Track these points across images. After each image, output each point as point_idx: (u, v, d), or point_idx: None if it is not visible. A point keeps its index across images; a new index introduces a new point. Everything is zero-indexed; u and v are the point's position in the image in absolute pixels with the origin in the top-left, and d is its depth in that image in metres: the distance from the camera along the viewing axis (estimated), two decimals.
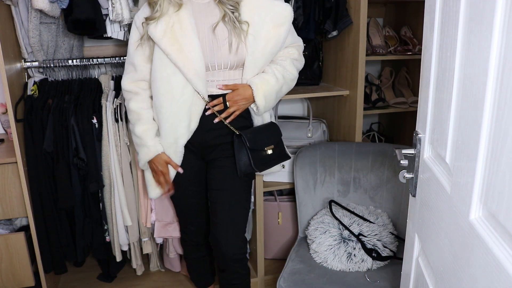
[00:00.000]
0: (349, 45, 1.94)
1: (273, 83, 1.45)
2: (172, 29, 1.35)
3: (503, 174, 0.55)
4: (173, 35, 1.35)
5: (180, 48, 1.35)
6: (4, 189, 1.70)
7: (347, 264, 1.60)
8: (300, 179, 1.86)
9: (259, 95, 1.43)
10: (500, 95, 0.56)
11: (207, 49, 1.38)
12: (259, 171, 1.52)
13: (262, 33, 1.40)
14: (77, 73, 1.91)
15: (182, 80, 1.37)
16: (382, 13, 2.44)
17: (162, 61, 1.37)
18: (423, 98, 0.92)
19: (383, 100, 2.21)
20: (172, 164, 1.49)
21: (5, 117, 1.92)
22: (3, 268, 1.75)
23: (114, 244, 1.89)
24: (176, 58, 1.35)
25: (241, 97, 1.44)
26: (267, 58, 1.44)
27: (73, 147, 1.73)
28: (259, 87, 1.43)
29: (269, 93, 1.45)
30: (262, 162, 1.50)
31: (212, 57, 1.39)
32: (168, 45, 1.35)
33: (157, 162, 1.48)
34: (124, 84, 1.48)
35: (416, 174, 0.95)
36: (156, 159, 1.48)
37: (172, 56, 1.35)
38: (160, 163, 1.48)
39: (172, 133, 1.44)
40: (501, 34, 0.56)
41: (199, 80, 1.38)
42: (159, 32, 1.35)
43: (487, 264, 0.59)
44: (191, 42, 1.35)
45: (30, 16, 1.70)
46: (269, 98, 1.46)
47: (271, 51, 1.43)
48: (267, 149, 1.51)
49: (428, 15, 0.89)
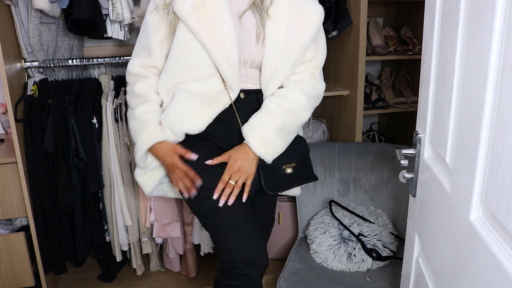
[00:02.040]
0: (349, 45, 1.94)
1: (267, 121, 1.19)
2: (203, 6, 1.14)
3: (503, 174, 0.55)
4: (204, 12, 1.14)
5: (212, 27, 1.14)
6: (4, 189, 1.70)
7: (347, 264, 1.60)
8: None
9: (255, 144, 1.18)
10: (500, 95, 0.56)
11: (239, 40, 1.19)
12: (271, 191, 1.25)
13: (283, 30, 1.19)
14: (77, 73, 1.91)
15: (210, 67, 1.17)
16: (382, 13, 2.44)
17: (188, 42, 1.16)
18: (423, 98, 0.92)
19: (383, 100, 2.21)
20: (181, 152, 1.21)
21: (5, 117, 1.92)
22: (3, 268, 1.75)
23: (114, 244, 1.90)
24: (205, 38, 1.14)
25: (241, 161, 1.19)
26: (287, 61, 1.20)
27: (73, 147, 1.73)
28: (250, 137, 1.19)
29: (268, 136, 1.19)
30: (277, 182, 1.25)
31: (240, 49, 1.19)
32: (197, 22, 1.14)
33: (161, 149, 1.21)
34: (132, 67, 1.25)
35: (416, 174, 0.95)
36: (159, 147, 1.21)
37: (201, 36, 1.14)
38: (167, 153, 1.21)
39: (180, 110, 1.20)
40: (501, 34, 0.56)
41: (229, 68, 1.16)
42: (187, 8, 1.14)
43: (487, 264, 0.59)
44: (225, 22, 1.15)
45: (30, 16, 1.70)
46: (270, 141, 1.20)
47: (291, 52, 1.20)
48: (286, 167, 1.27)
49: (428, 15, 0.89)
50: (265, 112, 1.20)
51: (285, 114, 1.20)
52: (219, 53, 1.15)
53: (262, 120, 1.20)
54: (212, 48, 1.14)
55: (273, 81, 1.22)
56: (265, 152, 1.19)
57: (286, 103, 1.21)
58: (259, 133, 1.19)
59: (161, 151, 1.21)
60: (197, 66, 1.18)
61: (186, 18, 1.14)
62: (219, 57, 1.15)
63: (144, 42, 1.25)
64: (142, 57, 1.25)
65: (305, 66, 1.25)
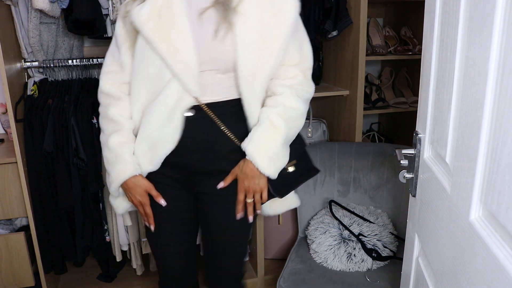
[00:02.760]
0: (349, 45, 1.94)
1: (272, 137, 1.12)
2: (160, 13, 1.09)
3: (503, 174, 0.55)
4: (160, 20, 1.08)
5: (166, 35, 1.08)
6: (4, 189, 1.70)
7: (347, 264, 1.60)
8: None
9: (260, 162, 1.10)
10: (500, 95, 0.56)
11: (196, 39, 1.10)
12: (281, 196, 1.23)
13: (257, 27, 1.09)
14: (77, 73, 1.91)
15: (168, 76, 1.10)
16: (382, 13, 2.44)
17: (146, 53, 1.10)
18: (423, 98, 0.92)
19: (383, 100, 2.21)
20: (153, 193, 1.17)
21: (5, 117, 1.92)
22: (3, 268, 1.75)
23: (114, 244, 1.90)
24: (160, 46, 1.07)
25: (248, 181, 1.14)
26: (267, 60, 1.10)
27: (73, 147, 1.73)
28: (255, 154, 1.11)
29: (273, 151, 1.12)
30: (284, 184, 1.21)
31: (198, 49, 1.09)
32: (153, 30, 1.08)
33: (133, 186, 1.16)
34: (103, 85, 1.19)
35: (416, 174, 0.95)
36: (132, 182, 1.16)
37: (156, 45, 1.07)
38: (137, 190, 1.17)
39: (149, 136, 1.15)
40: (501, 34, 0.56)
41: (189, 75, 1.08)
42: (143, 16, 1.08)
43: (487, 264, 0.59)
44: (180, 29, 1.08)
45: (30, 16, 1.70)
46: (277, 157, 1.14)
47: (270, 50, 1.10)
48: (288, 166, 1.20)
49: (428, 15, 0.89)
50: (268, 126, 1.11)
51: (287, 125, 1.13)
52: (175, 61, 1.08)
53: (266, 137, 1.12)
54: (167, 57, 1.08)
55: (256, 86, 1.12)
56: (274, 171, 1.14)
57: (287, 113, 1.13)
58: (265, 152, 1.11)
59: (133, 188, 1.17)
60: (158, 79, 1.11)
61: (142, 27, 1.08)
62: (176, 65, 1.08)
63: (115, 55, 1.19)
64: (114, 73, 1.19)
65: (296, 68, 1.16)
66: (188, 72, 1.08)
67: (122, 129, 1.17)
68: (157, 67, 1.10)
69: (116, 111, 1.17)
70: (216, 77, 1.12)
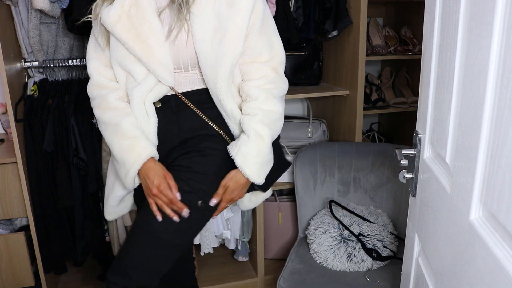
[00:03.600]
0: (349, 45, 1.94)
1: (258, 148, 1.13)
2: (128, 14, 1.11)
3: (503, 174, 0.55)
4: (129, 20, 1.10)
5: (137, 34, 1.10)
6: (4, 189, 1.70)
7: (347, 264, 1.60)
8: (300, 179, 1.86)
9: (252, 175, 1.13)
10: (500, 95, 0.56)
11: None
12: (264, 191, 1.28)
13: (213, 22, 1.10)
14: (77, 73, 1.91)
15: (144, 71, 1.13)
16: (382, 13, 2.44)
17: (119, 53, 1.13)
18: (423, 98, 0.92)
19: (383, 100, 2.21)
20: (171, 183, 1.10)
21: (5, 117, 1.92)
22: (3, 268, 1.75)
23: (114, 244, 1.89)
24: (133, 46, 1.10)
25: (237, 191, 1.16)
26: (225, 55, 1.10)
27: (73, 147, 1.73)
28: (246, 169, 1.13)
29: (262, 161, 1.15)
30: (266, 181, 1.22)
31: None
32: (124, 31, 1.10)
33: (153, 167, 1.12)
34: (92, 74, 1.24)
35: (416, 174, 0.95)
36: (152, 163, 1.12)
37: (129, 45, 1.10)
38: (157, 173, 1.11)
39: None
40: (501, 34, 0.56)
41: (165, 70, 1.11)
42: (112, 17, 1.10)
43: (487, 264, 0.59)
44: (151, 26, 1.10)
45: (30, 16, 1.70)
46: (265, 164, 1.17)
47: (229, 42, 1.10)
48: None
49: (428, 15, 0.89)
50: (255, 137, 1.13)
51: (271, 131, 1.15)
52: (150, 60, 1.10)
53: (253, 148, 1.13)
54: (142, 55, 1.10)
55: (219, 80, 1.12)
56: (262, 180, 1.17)
57: (267, 118, 1.14)
58: (254, 162, 1.13)
59: (153, 170, 1.12)
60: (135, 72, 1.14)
61: (113, 28, 1.11)
62: (152, 64, 1.11)
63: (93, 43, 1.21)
64: (98, 58, 1.20)
65: (267, 66, 1.16)
66: (164, 67, 1.11)
67: (130, 113, 1.15)
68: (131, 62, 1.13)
69: (116, 97, 1.18)
70: (181, 74, 1.16)
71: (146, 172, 1.12)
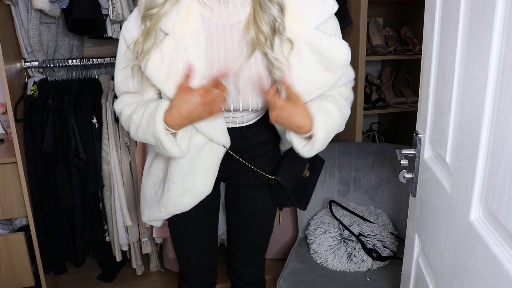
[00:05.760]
0: (349, 45, 1.94)
1: (335, 116, 1.04)
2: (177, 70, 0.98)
3: (503, 174, 0.55)
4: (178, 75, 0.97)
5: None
6: (4, 189, 1.70)
7: (347, 264, 1.60)
8: None
9: (320, 128, 0.99)
10: (500, 95, 0.56)
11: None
12: (304, 208, 1.24)
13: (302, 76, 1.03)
14: (77, 73, 1.91)
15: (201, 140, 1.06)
16: (382, 13, 2.44)
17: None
18: (423, 98, 0.92)
19: (383, 100, 2.21)
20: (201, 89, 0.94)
21: (5, 117, 1.92)
22: (3, 268, 1.75)
23: (114, 244, 1.90)
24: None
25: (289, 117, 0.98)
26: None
27: (73, 147, 1.73)
28: (318, 115, 1.00)
29: (331, 129, 1.03)
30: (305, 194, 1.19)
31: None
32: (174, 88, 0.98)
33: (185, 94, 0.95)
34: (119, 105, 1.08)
35: (416, 174, 0.95)
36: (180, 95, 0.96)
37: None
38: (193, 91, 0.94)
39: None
40: (501, 34, 0.56)
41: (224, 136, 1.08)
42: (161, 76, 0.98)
43: (487, 264, 0.59)
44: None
45: (30, 16, 1.70)
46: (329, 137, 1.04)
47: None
48: (305, 173, 1.19)
49: (428, 15, 0.89)
50: (333, 104, 1.03)
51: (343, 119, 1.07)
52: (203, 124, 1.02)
53: (331, 111, 1.03)
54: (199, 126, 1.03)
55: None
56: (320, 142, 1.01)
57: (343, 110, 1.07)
58: (325, 122, 1.00)
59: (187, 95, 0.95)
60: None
61: (161, 85, 0.98)
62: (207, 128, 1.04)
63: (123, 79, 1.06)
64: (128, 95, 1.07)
65: (342, 87, 1.14)
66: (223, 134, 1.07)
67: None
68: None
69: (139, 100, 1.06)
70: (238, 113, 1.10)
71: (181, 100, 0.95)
